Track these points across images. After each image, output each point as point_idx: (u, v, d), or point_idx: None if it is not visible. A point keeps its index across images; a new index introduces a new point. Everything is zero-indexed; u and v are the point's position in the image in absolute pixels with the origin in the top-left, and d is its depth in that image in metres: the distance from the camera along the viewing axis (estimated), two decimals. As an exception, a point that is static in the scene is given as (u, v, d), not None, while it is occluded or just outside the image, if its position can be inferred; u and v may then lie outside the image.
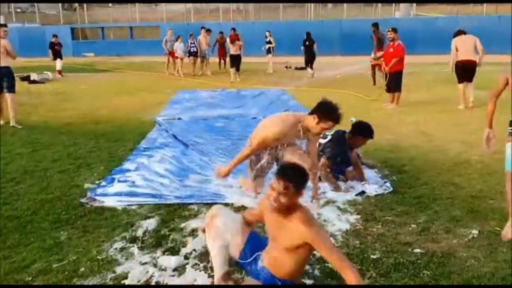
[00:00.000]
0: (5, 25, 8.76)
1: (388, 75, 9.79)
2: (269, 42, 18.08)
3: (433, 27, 25.73)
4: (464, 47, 9.25)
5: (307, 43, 16.85)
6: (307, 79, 15.70)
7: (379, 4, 34.00)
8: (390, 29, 9.87)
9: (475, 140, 6.61)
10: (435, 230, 3.72)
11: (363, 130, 5.08)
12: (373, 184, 4.76)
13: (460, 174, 5.13)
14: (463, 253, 3.33)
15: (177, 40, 17.21)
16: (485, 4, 29.37)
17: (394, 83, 9.70)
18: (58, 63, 17.48)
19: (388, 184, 4.74)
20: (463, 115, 8.58)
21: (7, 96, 8.31)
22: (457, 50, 9.30)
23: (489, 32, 23.47)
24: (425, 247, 3.43)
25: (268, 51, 18.15)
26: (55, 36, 18.10)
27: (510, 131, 3.52)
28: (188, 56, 17.43)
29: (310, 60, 16.87)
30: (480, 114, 8.47)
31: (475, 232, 3.65)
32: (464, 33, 9.48)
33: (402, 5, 29.47)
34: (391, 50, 9.72)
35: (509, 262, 3.18)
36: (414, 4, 32.11)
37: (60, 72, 17.45)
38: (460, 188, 4.69)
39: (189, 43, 17.28)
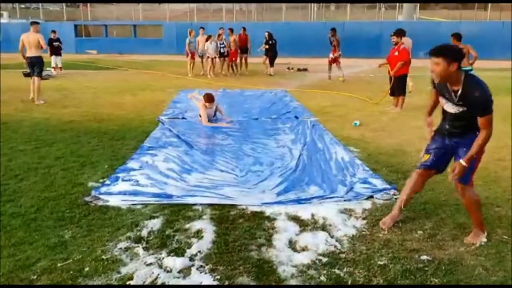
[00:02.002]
0: (37, 23, 10.98)
1: (392, 78, 9.75)
2: (267, 43, 17.55)
3: (436, 31, 25.62)
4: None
5: (270, 42, 17.16)
6: (268, 78, 15.68)
7: (382, 8, 33.99)
8: (393, 34, 9.78)
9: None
10: (442, 237, 3.69)
11: None
12: (379, 191, 4.73)
13: (465, 181, 5.10)
14: (471, 261, 3.31)
15: (207, 40, 16.87)
16: (489, 10, 29.34)
17: (398, 87, 9.67)
18: (53, 60, 17.23)
19: (395, 190, 4.70)
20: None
21: (35, 79, 10.50)
22: None
23: (492, 38, 23.53)
24: (432, 254, 3.40)
25: (267, 52, 17.87)
26: (53, 31, 17.65)
27: None
28: (219, 57, 17.09)
29: (273, 58, 17.36)
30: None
31: (482, 240, 3.63)
32: (404, 33, 11.02)
33: (405, 8, 29.44)
34: (396, 53, 9.66)
35: (517, 271, 3.16)
36: (418, 8, 32.09)
37: (55, 68, 17.22)
38: (465, 194, 4.66)
39: (218, 43, 16.85)
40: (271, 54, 17.39)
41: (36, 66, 10.50)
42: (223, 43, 17.01)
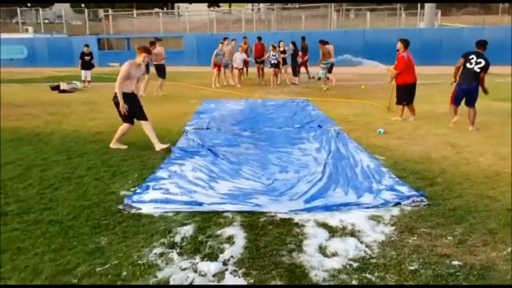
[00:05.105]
0: (160, 39, 15.85)
1: (397, 87, 9.52)
2: (283, 52, 17.54)
3: (458, 38, 25.45)
4: (329, 51, 15.88)
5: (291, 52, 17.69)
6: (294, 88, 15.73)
7: (403, 15, 33.86)
8: (399, 40, 9.39)
9: (506, 152, 6.57)
10: (472, 243, 3.70)
11: None
12: (406, 198, 4.74)
13: (493, 187, 5.08)
14: (503, 266, 3.31)
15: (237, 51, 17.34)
16: None
17: (403, 96, 9.38)
18: (83, 73, 17.56)
19: (423, 197, 4.71)
20: (492, 127, 8.48)
21: (160, 80, 14.77)
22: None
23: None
24: (463, 260, 3.41)
25: (283, 61, 17.76)
26: (87, 46, 17.99)
27: None
28: (269, 67, 17.38)
29: (295, 68, 17.77)
30: (510, 126, 8.37)
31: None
32: (328, 42, 16.20)
33: (426, 15, 29.30)
34: (395, 62, 9.44)
35: (550, 276, 3.16)
36: (439, 15, 31.86)
37: (84, 81, 17.53)
38: (494, 201, 4.65)
39: (271, 54, 17.13)
40: (293, 63, 17.52)
41: (160, 70, 14.66)
42: (275, 55, 17.09)
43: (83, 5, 46.12)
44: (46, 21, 44.63)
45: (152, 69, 14.72)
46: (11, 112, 11.08)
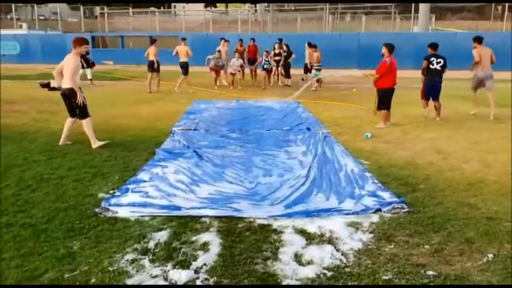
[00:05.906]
0: (184, 39, 16.59)
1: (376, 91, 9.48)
2: (278, 54, 17.34)
3: (452, 42, 25.46)
4: (314, 56, 16.35)
5: (287, 53, 17.47)
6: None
7: (397, 18, 33.90)
8: (383, 45, 9.23)
9: (491, 159, 6.54)
10: (449, 252, 3.66)
11: None
12: (387, 204, 4.70)
13: (475, 194, 5.05)
14: (477, 276, 3.27)
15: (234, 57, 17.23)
16: (504, 20, 29.09)
17: (381, 101, 9.31)
18: (88, 72, 17.33)
19: (403, 204, 4.67)
20: (480, 133, 8.46)
21: (183, 77, 15.60)
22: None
23: (508, 48, 23.26)
24: (438, 269, 3.37)
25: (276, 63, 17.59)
26: None
27: None
28: (261, 71, 17.46)
29: (288, 69, 17.58)
30: (498, 132, 8.37)
31: (490, 255, 3.59)
32: (316, 46, 16.80)
33: (420, 19, 29.25)
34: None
35: (524, 288, 3.12)
36: (433, 19, 31.89)
37: (88, 80, 17.31)
38: (475, 209, 4.62)
39: (263, 59, 17.23)
40: (286, 65, 17.40)
41: (183, 68, 15.55)
42: (268, 60, 17.14)
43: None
44: (41, 17, 44.36)
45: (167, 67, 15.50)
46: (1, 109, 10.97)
